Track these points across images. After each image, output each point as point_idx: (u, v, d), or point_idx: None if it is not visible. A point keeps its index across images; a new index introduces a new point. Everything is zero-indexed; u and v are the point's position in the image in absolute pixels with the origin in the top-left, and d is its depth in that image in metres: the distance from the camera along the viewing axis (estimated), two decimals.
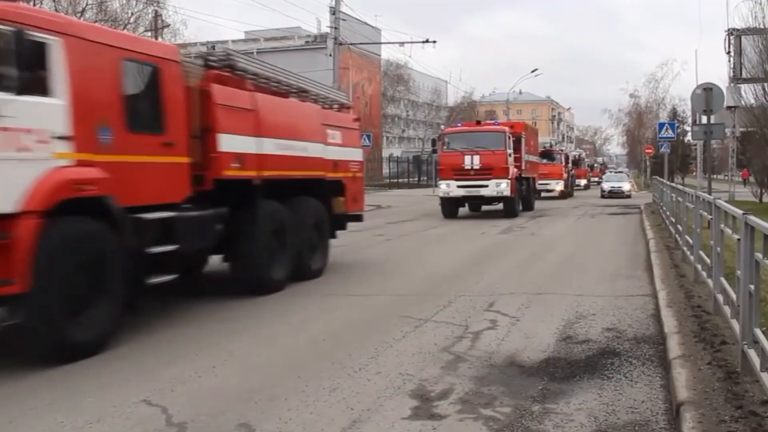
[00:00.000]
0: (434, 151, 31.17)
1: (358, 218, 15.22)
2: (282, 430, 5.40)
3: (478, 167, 26.69)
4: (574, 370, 6.83)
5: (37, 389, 6.49)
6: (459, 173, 26.96)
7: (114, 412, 5.83)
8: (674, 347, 6.92)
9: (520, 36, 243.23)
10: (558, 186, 45.30)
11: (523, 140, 30.06)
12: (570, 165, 52.78)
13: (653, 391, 6.16)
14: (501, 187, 26.54)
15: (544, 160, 43.04)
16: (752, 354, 5.59)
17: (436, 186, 31.55)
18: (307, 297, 10.91)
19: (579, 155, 71.29)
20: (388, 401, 6.01)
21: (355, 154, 14.73)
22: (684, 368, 6.18)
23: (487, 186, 26.56)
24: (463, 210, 29.22)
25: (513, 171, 27.36)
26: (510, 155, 27.15)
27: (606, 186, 48.85)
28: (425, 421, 5.54)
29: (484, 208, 29.95)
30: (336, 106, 14.80)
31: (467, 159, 26.80)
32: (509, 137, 27.51)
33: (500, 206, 28.23)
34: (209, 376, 6.87)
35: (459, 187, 27.01)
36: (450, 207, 27.78)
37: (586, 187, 65.20)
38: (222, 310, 10.01)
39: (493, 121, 33.75)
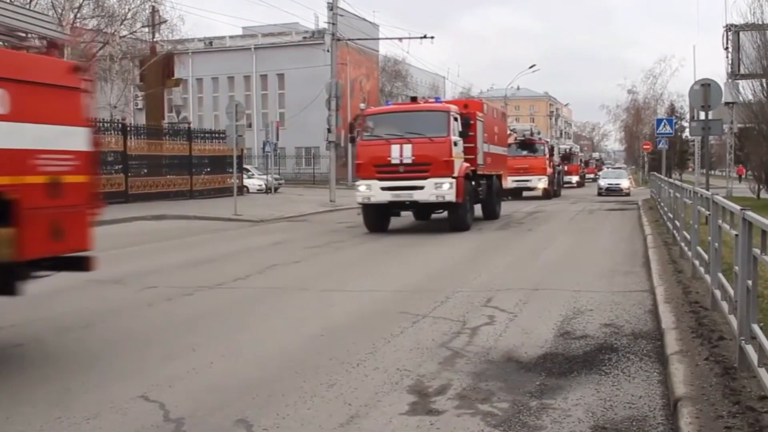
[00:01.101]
0: (352, 140, 21.94)
1: (72, 265, 8.02)
2: (280, 425, 5.40)
3: (409, 161, 19.20)
4: (571, 365, 6.83)
5: (33, 385, 6.48)
6: (383, 170, 19.53)
7: (111, 407, 5.83)
8: (672, 343, 6.93)
9: (513, 33, 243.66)
10: (541, 183, 39.36)
11: (479, 124, 22.03)
12: (556, 158, 47.73)
13: (651, 387, 6.16)
14: (442, 189, 19.10)
15: (524, 152, 39.23)
16: (750, 350, 5.59)
17: (354, 186, 20.98)
18: (303, 293, 10.90)
19: (570, 148, 66.86)
20: (385, 397, 6.01)
21: (67, 140, 7.41)
22: (681, 364, 6.19)
23: (422, 188, 19.11)
24: (406, 219, 22.74)
25: (461, 166, 19.92)
26: (456, 144, 19.66)
27: (603, 183, 46.22)
28: (423, 416, 5.54)
29: (434, 215, 22.47)
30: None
31: (394, 150, 19.30)
32: (455, 119, 20.07)
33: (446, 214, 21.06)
34: (207, 371, 6.86)
35: (384, 189, 19.46)
36: (374, 216, 20.37)
37: (579, 184, 62.46)
38: (218, 306, 10.02)
39: (434, 98, 24.29)
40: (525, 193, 39.47)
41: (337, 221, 25.23)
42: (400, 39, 44.03)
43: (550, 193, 40.70)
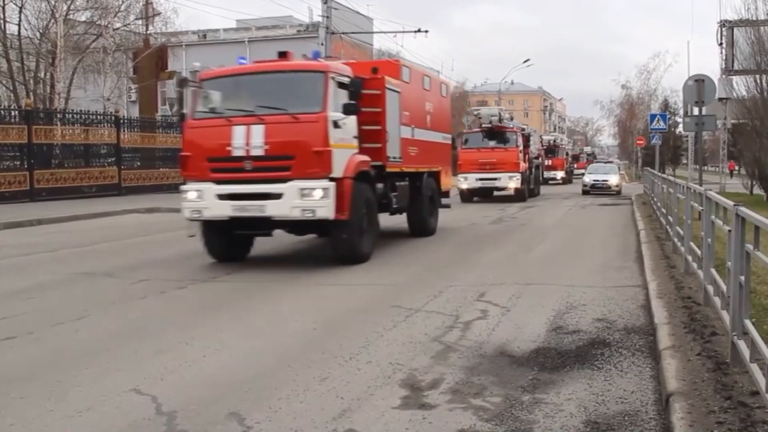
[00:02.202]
0: (181, 118, 13.66)
1: None
2: (272, 419, 5.39)
3: (260, 152, 12.16)
4: (564, 360, 6.84)
5: (25, 378, 6.47)
6: (221, 166, 12.55)
7: (104, 401, 5.82)
8: (664, 338, 6.94)
9: (504, 28, 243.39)
10: (512, 182, 31.82)
11: (392, 97, 14.82)
12: (533, 150, 40.04)
13: (643, 382, 6.17)
14: (312, 198, 12.03)
15: (491, 143, 32.37)
16: (742, 345, 5.60)
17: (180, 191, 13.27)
18: (297, 286, 10.89)
19: (554, 140, 61.33)
20: (378, 390, 6.01)
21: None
22: (674, 359, 6.20)
23: (279, 196, 12.08)
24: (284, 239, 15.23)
25: (350, 161, 12.77)
26: (339, 125, 12.48)
27: (588, 179, 39.95)
28: (415, 410, 5.54)
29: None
30: None
31: (238, 135, 12.24)
32: (334, 86, 12.66)
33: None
34: (199, 365, 6.85)
35: (222, 198, 12.39)
36: (216, 239, 13.32)
37: (565, 180, 57.22)
38: (212, 300, 10.01)
39: (311, 54, 14.16)
40: (497, 193, 33.31)
41: None
42: (394, 33, 43.99)
43: (523, 194, 32.80)
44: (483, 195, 32.97)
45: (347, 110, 12.59)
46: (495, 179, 31.80)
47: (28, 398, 5.91)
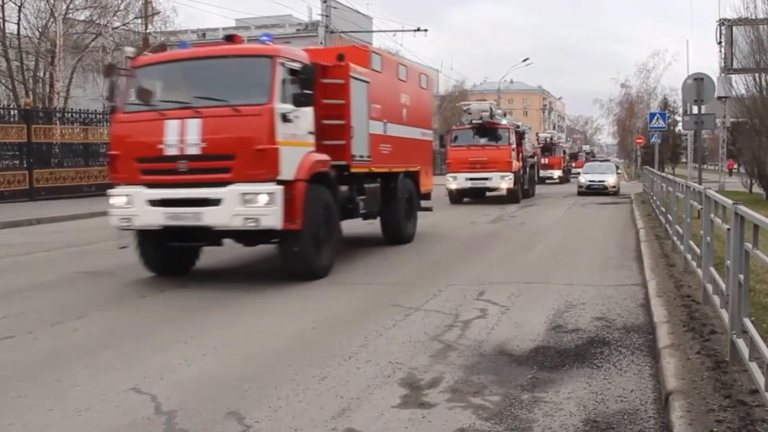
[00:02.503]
0: (112, 111, 12.14)
1: None
2: (271, 418, 5.39)
3: (196, 151, 10.54)
4: (563, 359, 6.84)
5: (25, 378, 6.47)
6: (152, 167, 10.92)
7: (103, 400, 5.82)
8: (663, 337, 6.94)
9: (502, 27, 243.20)
10: (504, 182, 29.95)
11: (358, 88, 13.20)
12: (528, 148, 39.10)
13: (642, 381, 6.17)
14: (256, 204, 10.42)
15: (482, 140, 30.33)
16: (741, 344, 5.61)
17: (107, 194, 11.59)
18: (296, 285, 10.88)
19: (551, 138, 60.88)
20: (377, 390, 6.01)
21: None
22: (673, 357, 6.20)
23: (218, 202, 10.49)
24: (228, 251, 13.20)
25: (304, 160, 11.16)
26: (290, 119, 10.84)
27: (584, 179, 37.77)
28: (415, 409, 5.54)
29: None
30: None
31: (171, 131, 10.62)
32: (284, 74, 10.98)
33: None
34: (199, 364, 6.85)
35: (153, 204, 10.78)
36: (154, 250, 11.69)
37: (562, 180, 55.10)
38: (211, 299, 10.00)
39: (262, 37, 11.89)
40: (489, 194, 31.76)
41: None
42: (394, 32, 43.71)
43: (516, 194, 31.04)
44: (474, 196, 31.35)
45: (299, 101, 10.92)
46: (486, 179, 29.88)
47: (27, 397, 5.91)
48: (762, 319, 6.93)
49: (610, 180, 37.52)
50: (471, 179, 29.93)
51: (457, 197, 30.51)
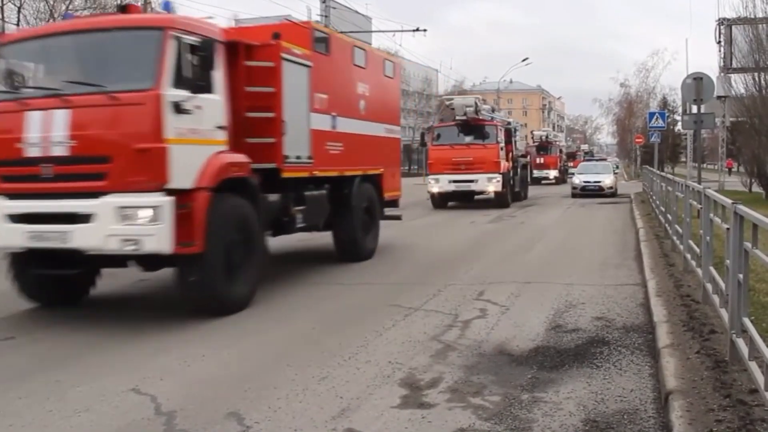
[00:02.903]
0: None
1: None
2: (271, 418, 5.39)
3: (63, 151, 8.14)
4: (563, 358, 6.84)
5: (25, 378, 6.47)
6: (12, 172, 8.50)
7: (103, 401, 5.82)
8: (663, 336, 6.94)
9: (500, 27, 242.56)
10: (492, 184, 27.10)
11: (293, 72, 10.77)
12: (520, 146, 37.13)
13: (642, 380, 6.17)
14: (135, 224, 8.04)
15: (467, 139, 27.55)
16: (740, 343, 5.60)
17: None
18: (296, 286, 10.88)
19: (546, 136, 56.64)
20: (377, 390, 6.01)
21: None
22: (673, 357, 6.20)
23: (88, 219, 8.09)
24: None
25: (208, 167, 8.77)
26: (185, 110, 8.41)
27: (578, 180, 35.05)
28: (414, 409, 5.54)
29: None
30: None
31: (33, 124, 8.26)
32: (178, 51, 8.48)
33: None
34: (199, 364, 6.86)
35: (14, 219, 8.43)
36: (33, 280, 9.36)
37: (559, 180, 52.11)
38: None
39: (161, 3, 9.85)
40: (478, 197, 28.76)
41: None
42: (393, 32, 43.52)
43: (505, 198, 28.05)
44: (460, 199, 28.77)
45: (198, 87, 8.58)
46: (471, 181, 27.06)
47: (27, 398, 5.92)
48: (761, 319, 6.92)
49: (607, 180, 34.53)
50: (455, 181, 27.24)
51: (440, 201, 27.91)
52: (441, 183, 27.38)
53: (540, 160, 51.84)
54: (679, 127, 60.32)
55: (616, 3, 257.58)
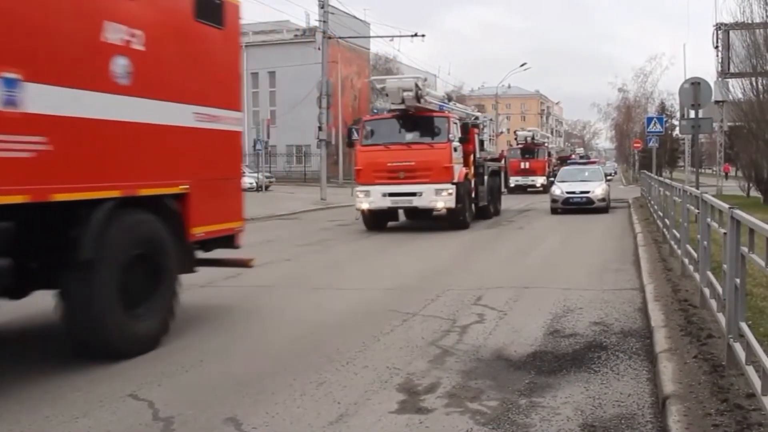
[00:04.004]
0: None
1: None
2: (269, 424, 5.39)
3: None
4: (561, 363, 6.84)
5: (22, 383, 6.46)
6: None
7: (100, 406, 5.81)
8: (661, 341, 6.95)
9: (495, 31, 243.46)
10: (442, 199, 20.11)
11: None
12: (488, 148, 28.64)
13: (639, 385, 6.17)
14: None
15: (408, 136, 20.50)
16: (738, 347, 5.61)
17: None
18: (294, 291, 10.89)
19: (532, 137, 48.61)
20: (375, 395, 6.01)
21: None
22: (670, 362, 6.21)
23: None
24: None
25: None
26: None
27: (560, 191, 26.68)
28: (412, 414, 5.54)
29: None
30: None
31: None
32: None
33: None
34: (197, 370, 6.85)
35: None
36: None
37: (546, 188, 38.86)
38: (208, 305, 10.00)
39: None
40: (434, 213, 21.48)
41: (328, 219, 25.24)
42: (391, 38, 43.27)
43: (461, 217, 20.76)
44: (409, 215, 22.70)
45: None
46: (413, 194, 19.94)
47: (24, 403, 5.90)
48: (758, 323, 6.93)
49: (597, 190, 26.44)
50: (391, 195, 20.06)
51: (374, 221, 20.87)
52: (373, 197, 20.16)
53: (525, 164, 45.89)
54: (677, 132, 60.41)
55: (610, 6, 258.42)
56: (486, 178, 24.22)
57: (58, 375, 6.70)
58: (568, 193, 26.38)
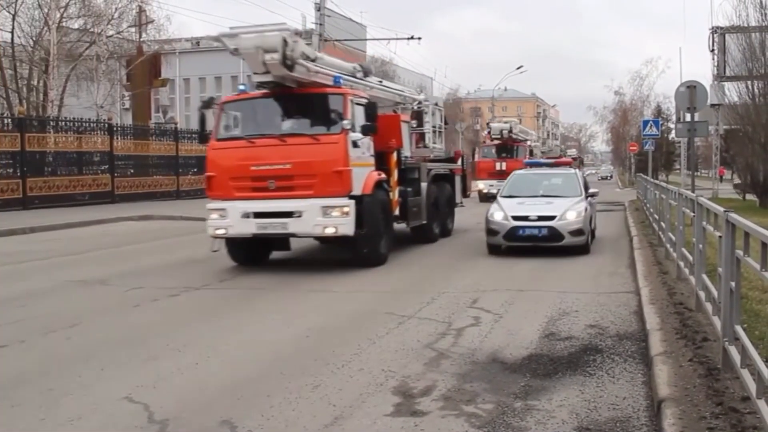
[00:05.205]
0: None
1: None
2: (264, 426, 5.39)
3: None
4: (556, 366, 6.85)
5: (17, 386, 6.45)
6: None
7: (95, 409, 5.81)
8: (656, 344, 6.95)
9: (486, 35, 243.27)
10: (330, 222, 12.63)
11: None
12: (430, 143, 19.73)
13: (635, 388, 6.18)
14: None
15: (287, 125, 13.44)
16: (733, 351, 5.61)
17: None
18: (290, 293, 10.88)
19: (509, 130, 39.10)
20: (370, 398, 6.00)
21: None
22: (665, 365, 6.21)
23: None
24: None
25: None
26: None
27: (501, 215, 15.12)
28: (407, 417, 5.54)
29: None
30: None
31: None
32: None
33: None
34: (192, 372, 6.84)
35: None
36: None
37: None
38: (204, 308, 10.00)
39: None
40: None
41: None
42: (387, 40, 42.88)
43: (365, 248, 13.35)
44: (281, 247, 14.67)
45: None
46: (287, 215, 12.85)
47: (19, 406, 5.90)
48: (754, 326, 6.95)
49: (569, 215, 15.10)
50: (257, 215, 12.98)
51: (242, 253, 14.00)
52: (230, 218, 13.06)
53: (501, 165, 36.18)
54: (673, 135, 60.54)
55: (603, 11, 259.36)
56: (425, 185, 16.96)
57: (51, 378, 6.69)
58: (515, 218, 14.87)
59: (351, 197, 12.86)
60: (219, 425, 5.41)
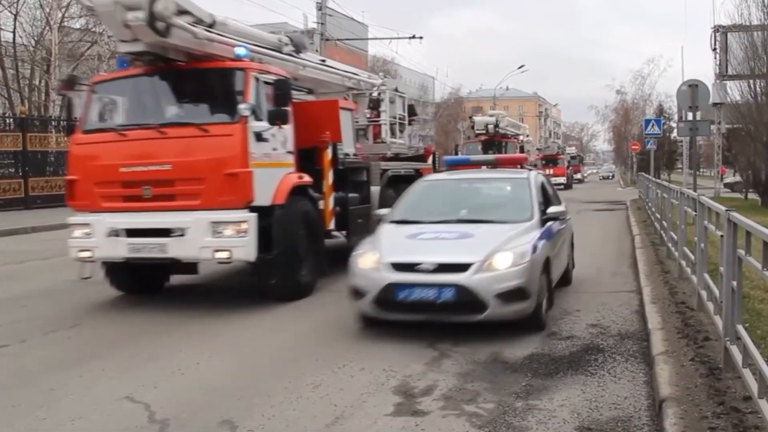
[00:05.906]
0: None
1: None
2: (265, 426, 5.38)
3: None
4: (557, 366, 6.83)
5: (17, 386, 6.45)
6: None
7: (96, 409, 5.81)
8: (658, 343, 6.94)
9: (485, 34, 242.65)
10: (226, 243, 9.29)
11: None
12: (395, 139, 16.00)
13: (636, 388, 6.17)
14: None
15: (170, 111, 10.13)
16: (734, 350, 5.61)
17: None
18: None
19: (495, 125, 35.54)
20: (371, 398, 6.00)
21: None
22: (667, 364, 6.20)
23: None
24: None
25: None
26: None
27: (371, 260, 8.04)
28: (408, 417, 5.53)
29: None
30: None
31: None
32: None
33: None
34: (193, 372, 6.84)
35: None
36: None
37: None
38: (206, 306, 9.97)
39: None
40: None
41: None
42: (389, 40, 42.58)
43: (272, 278, 9.92)
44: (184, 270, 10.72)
45: None
46: (166, 233, 9.46)
47: (20, 406, 5.90)
48: (755, 326, 6.93)
49: (500, 259, 7.78)
50: (129, 233, 9.69)
51: (127, 279, 10.82)
52: (96, 238, 9.85)
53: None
54: (674, 134, 60.38)
55: (603, 11, 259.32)
56: (376, 190, 13.40)
57: (52, 378, 6.69)
58: (397, 267, 7.89)
59: (254, 209, 9.54)
60: (219, 425, 5.42)
